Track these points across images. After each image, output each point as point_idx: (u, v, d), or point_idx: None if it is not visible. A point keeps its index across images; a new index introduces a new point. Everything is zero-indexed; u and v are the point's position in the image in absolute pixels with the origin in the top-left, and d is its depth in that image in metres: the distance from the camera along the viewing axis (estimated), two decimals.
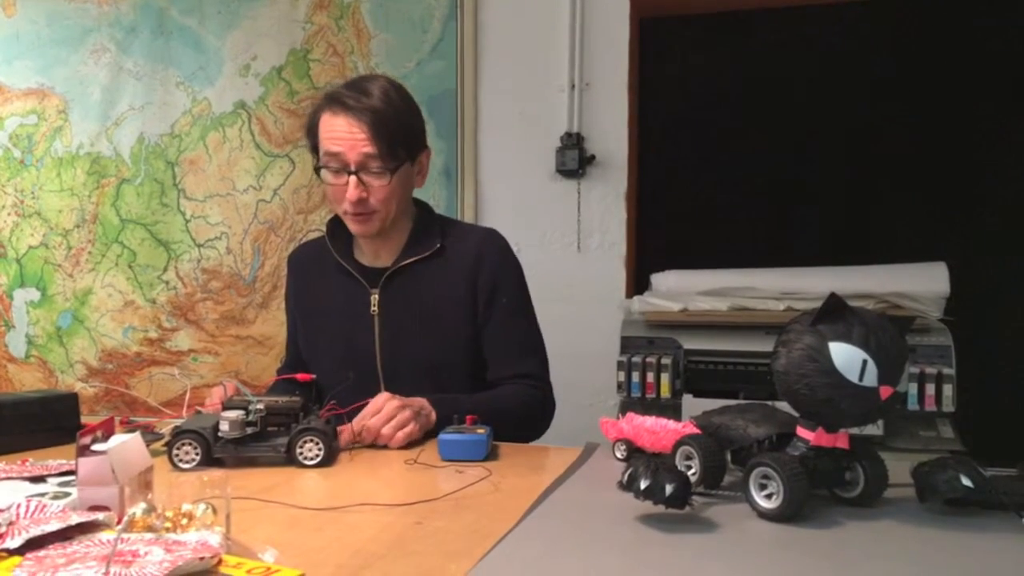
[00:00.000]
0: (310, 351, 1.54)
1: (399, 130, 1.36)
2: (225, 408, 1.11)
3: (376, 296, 1.44)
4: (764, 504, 0.82)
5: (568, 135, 2.42)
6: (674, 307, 2.00)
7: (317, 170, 1.39)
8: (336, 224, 1.50)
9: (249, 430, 1.09)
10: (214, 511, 0.70)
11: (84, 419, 1.29)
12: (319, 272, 1.52)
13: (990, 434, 2.02)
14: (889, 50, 3.18)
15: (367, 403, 1.25)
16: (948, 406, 1.78)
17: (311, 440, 1.08)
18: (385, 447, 1.19)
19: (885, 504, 0.87)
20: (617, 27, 2.41)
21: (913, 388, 1.78)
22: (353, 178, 1.34)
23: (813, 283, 1.96)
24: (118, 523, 0.72)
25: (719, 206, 3.25)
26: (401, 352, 1.44)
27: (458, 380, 1.43)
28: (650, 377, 1.93)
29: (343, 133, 1.33)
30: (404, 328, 1.43)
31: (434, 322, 1.42)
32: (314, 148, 1.41)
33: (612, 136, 2.42)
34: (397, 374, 1.43)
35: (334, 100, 1.36)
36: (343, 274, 1.47)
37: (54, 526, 0.68)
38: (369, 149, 1.33)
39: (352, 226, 1.42)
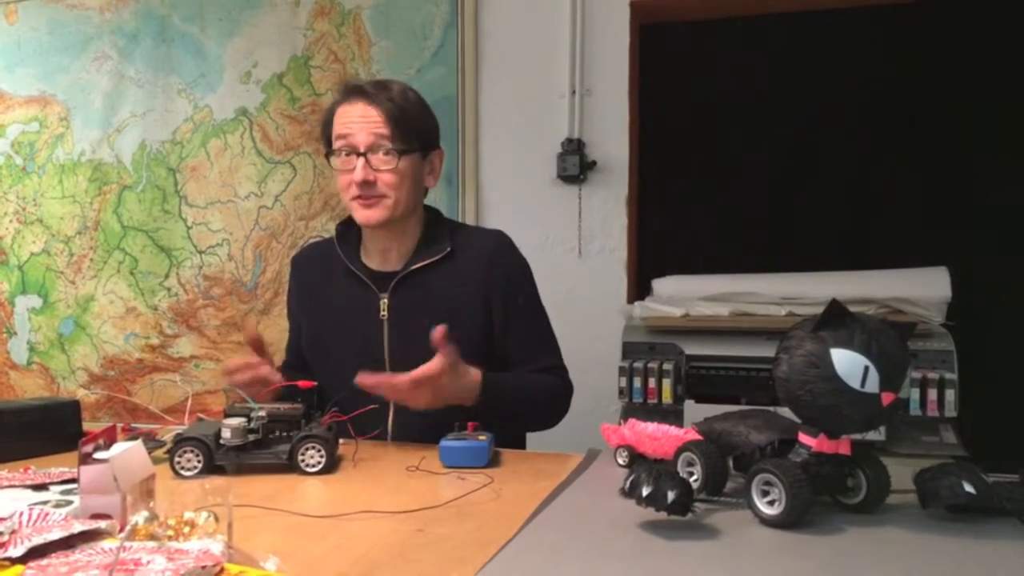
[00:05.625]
0: (316, 356, 1.51)
1: (413, 120, 1.38)
2: (227, 415, 1.11)
3: (386, 301, 1.43)
4: (766, 511, 0.82)
5: (569, 141, 2.42)
6: (675, 312, 2.00)
7: (328, 157, 1.41)
8: (345, 227, 1.49)
9: (251, 437, 1.09)
10: (216, 519, 0.70)
11: (86, 426, 1.29)
12: (325, 275, 1.50)
13: (993, 439, 2.01)
14: (888, 55, 3.18)
15: (370, 409, 1.26)
16: (950, 411, 1.77)
17: (313, 447, 1.08)
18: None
19: (887, 510, 0.87)
20: (618, 33, 2.41)
21: (915, 393, 1.78)
22: (361, 159, 1.35)
23: (814, 288, 1.96)
24: (120, 531, 0.72)
25: (720, 211, 3.25)
26: (412, 357, 1.40)
27: None
28: (652, 383, 1.93)
29: (357, 117, 1.36)
30: (415, 333, 1.40)
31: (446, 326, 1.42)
32: (327, 140, 1.42)
33: (613, 141, 2.42)
34: None
35: (353, 89, 1.39)
36: (351, 278, 1.45)
37: (56, 534, 0.68)
38: (382, 130, 1.35)
39: (358, 213, 1.40)
